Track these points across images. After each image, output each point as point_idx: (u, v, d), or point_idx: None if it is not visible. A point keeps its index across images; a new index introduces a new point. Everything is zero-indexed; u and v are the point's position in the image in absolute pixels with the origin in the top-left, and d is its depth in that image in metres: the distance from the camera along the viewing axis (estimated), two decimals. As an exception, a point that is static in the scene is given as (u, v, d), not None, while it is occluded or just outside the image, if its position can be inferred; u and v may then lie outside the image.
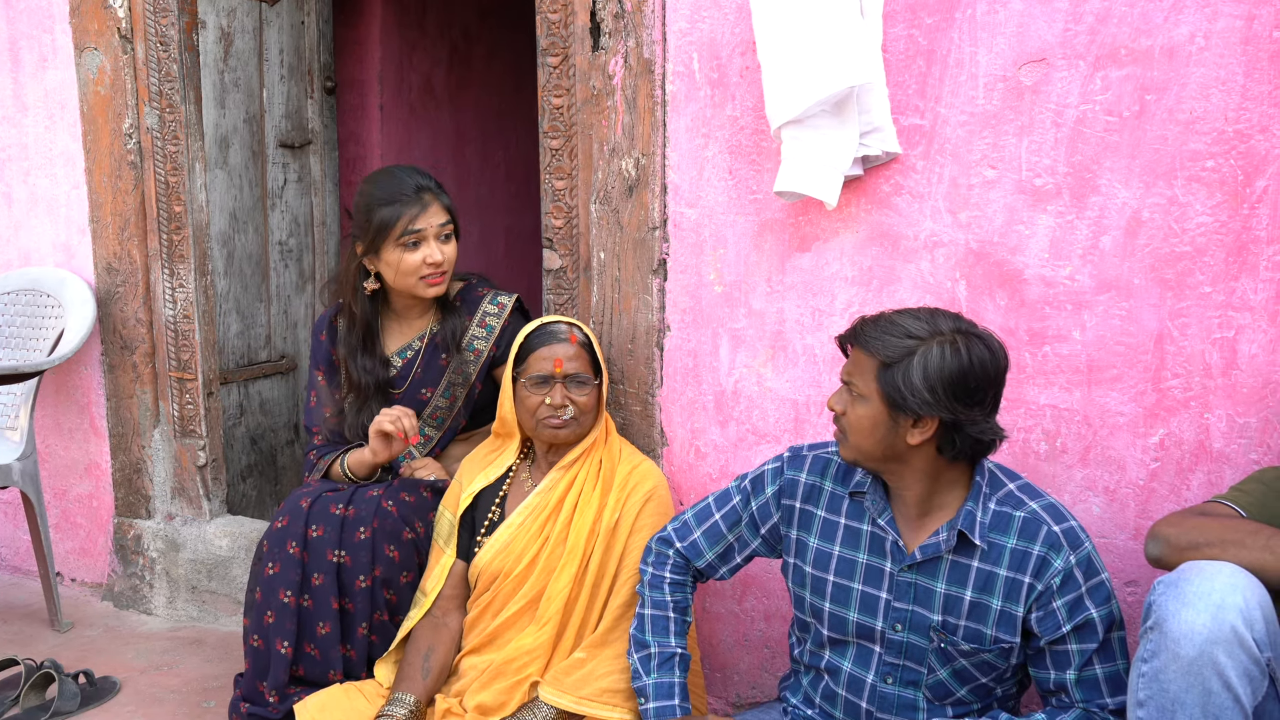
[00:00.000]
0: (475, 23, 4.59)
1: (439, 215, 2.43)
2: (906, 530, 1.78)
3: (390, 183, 2.45)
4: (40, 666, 2.56)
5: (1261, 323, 1.88)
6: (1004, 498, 1.73)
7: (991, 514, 1.72)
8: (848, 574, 1.82)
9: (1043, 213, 2.01)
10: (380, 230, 2.40)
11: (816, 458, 1.91)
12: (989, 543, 1.71)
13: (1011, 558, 1.70)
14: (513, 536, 2.22)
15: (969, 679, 1.75)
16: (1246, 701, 1.44)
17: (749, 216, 2.28)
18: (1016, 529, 1.70)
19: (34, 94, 3.12)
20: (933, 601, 1.74)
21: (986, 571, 1.71)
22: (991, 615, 1.71)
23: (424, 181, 2.45)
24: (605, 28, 2.34)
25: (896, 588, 1.77)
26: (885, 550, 1.78)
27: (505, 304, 2.56)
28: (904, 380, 1.63)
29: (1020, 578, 1.69)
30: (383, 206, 2.41)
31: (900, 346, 1.65)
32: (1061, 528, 1.69)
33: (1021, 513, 1.71)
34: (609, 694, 2.06)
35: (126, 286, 3.05)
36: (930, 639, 1.74)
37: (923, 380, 1.62)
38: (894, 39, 2.09)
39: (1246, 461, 1.92)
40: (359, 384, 2.50)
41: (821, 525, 1.86)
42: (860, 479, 1.83)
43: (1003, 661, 1.73)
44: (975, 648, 1.72)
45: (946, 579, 1.73)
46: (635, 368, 2.45)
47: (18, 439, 2.96)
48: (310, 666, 2.31)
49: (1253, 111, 1.84)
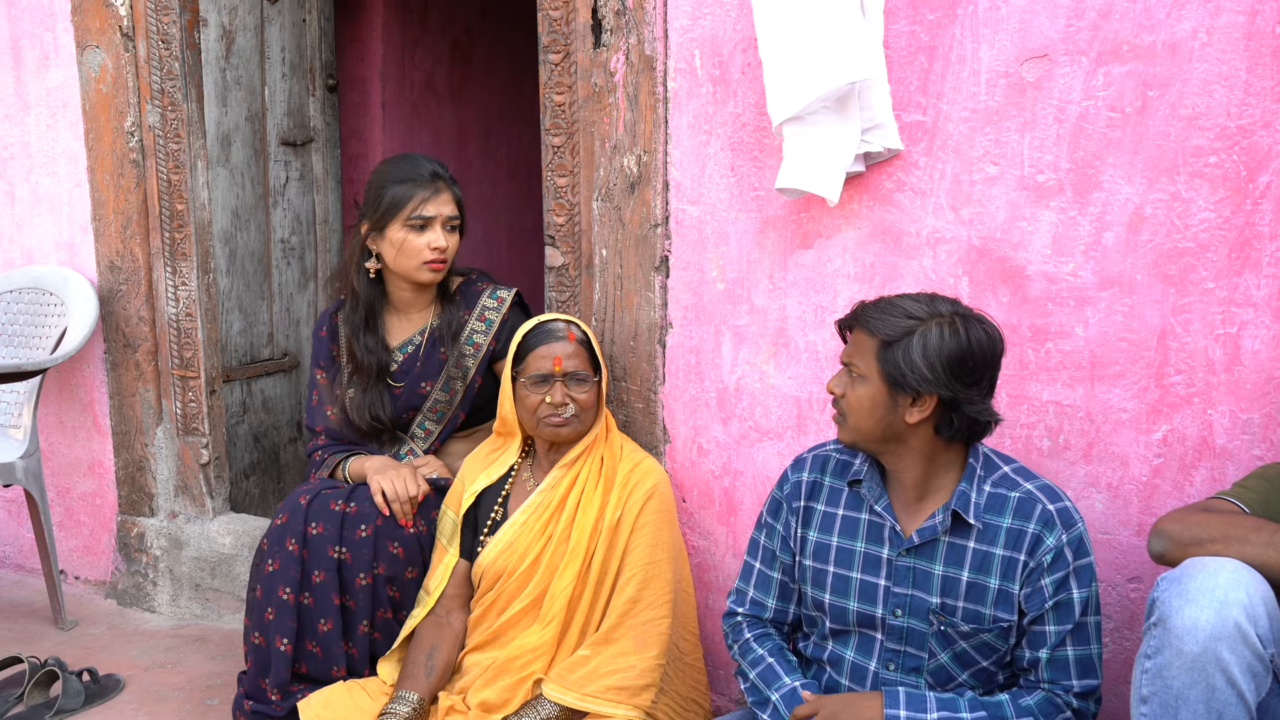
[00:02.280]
0: (477, 20, 4.59)
1: (449, 205, 2.46)
2: (904, 515, 1.79)
3: (407, 165, 2.48)
4: (44, 664, 2.56)
5: (1265, 318, 1.88)
6: (999, 480, 1.76)
7: (987, 495, 1.74)
8: (846, 563, 1.83)
9: (1045, 209, 2.01)
10: (390, 208, 2.42)
11: (815, 456, 1.93)
12: (984, 523, 1.73)
13: (1007, 537, 1.72)
14: (516, 535, 2.22)
15: (970, 662, 1.76)
16: (1250, 698, 1.44)
17: (751, 213, 2.28)
18: (1012, 509, 1.73)
19: (36, 92, 3.13)
20: (931, 584, 1.75)
21: (983, 552, 1.73)
22: (990, 595, 1.72)
23: (439, 170, 2.48)
24: (607, 25, 2.34)
25: (895, 573, 1.78)
26: (883, 536, 1.80)
27: (504, 298, 2.56)
28: (904, 358, 1.67)
29: (1016, 555, 1.71)
30: (396, 185, 2.43)
31: (900, 326, 1.68)
32: (1056, 507, 1.72)
33: (1017, 493, 1.74)
34: (613, 691, 2.06)
35: (129, 285, 3.06)
36: (930, 622, 1.76)
37: (922, 358, 1.66)
38: (895, 35, 2.09)
39: (1249, 457, 1.91)
40: (363, 365, 2.50)
41: (821, 518, 1.87)
42: (858, 467, 1.85)
43: (1003, 642, 1.74)
44: (975, 628, 1.73)
45: (944, 561, 1.75)
46: (637, 365, 2.45)
47: (21, 437, 2.96)
48: (313, 664, 2.32)
49: (1255, 107, 1.84)
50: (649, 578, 2.15)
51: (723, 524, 2.42)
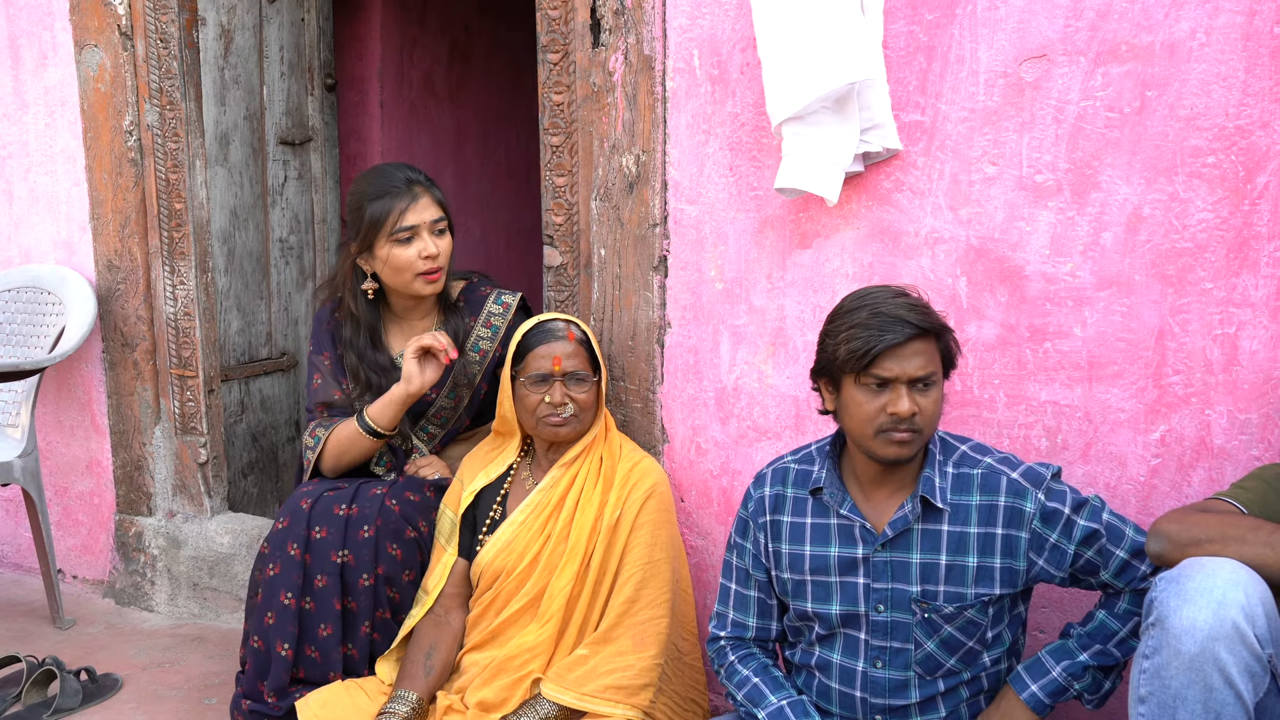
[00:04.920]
0: (476, 19, 4.58)
1: (431, 209, 2.42)
2: (871, 513, 1.81)
3: (379, 179, 2.44)
4: (42, 663, 2.56)
5: (1262, 319, 1.88)
6: (959, 459, 1.79)
7: (951, 477, 1.77)
8: (822, 569, 1.83)
9: (1044, 209, 2.01)
10: (372, 226, 2.39)
11: (775, 470, 1.93)
12: (954, 505, 1.76)
13: (979, 514, 1.75)
14: (514, 534, 2.22)
15: (956, 647, 1.77)
16: (1248, 698, 1.44)
17: (750, 213, 2.28)
18: (977, 486, 1.76)
19: (34, 91, 3.12)
20: (910, 574, 1.77)
21: (958, 533, 1.75)
22: (969, 573, 1.75)
23: (413, 175, 2.44)
24: (605, 24, 2.34)
25: (874, 569, 1.79)
26: (855, 537, 1.81)
27: (510, 303, 2.55)
28: (951, 339, 1.75)
29: (993, 530, 1.74)
30: (373, 202, 2.39)
31: (934, 318, 1.73)
32: (1019, 472, 1.75)
33: (979, 470, 1.77)
34: (611, 690, 2.06)
35: (127, 284, 3.05)
36: (913, 612, 1.77)
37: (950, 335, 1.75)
38: (894, 35, 2.09)
39: (1247, 458, 1.92)
40: (375, 385, 2.47)
41: (790, 530, 1.88)
42: (816, 475, 1.85)
43: (983, 616, 1.76)
44: (958, 608, 1.75)
45: (920, 549, 1.77)
46: (636, 364, 2.45)
47: (19, 436, 2.96)
48: (310, 668, 2.31)
49: (1254, 107, 1.84)
50: (647, 577, 2.16)
51: (721, 524, 2.42)
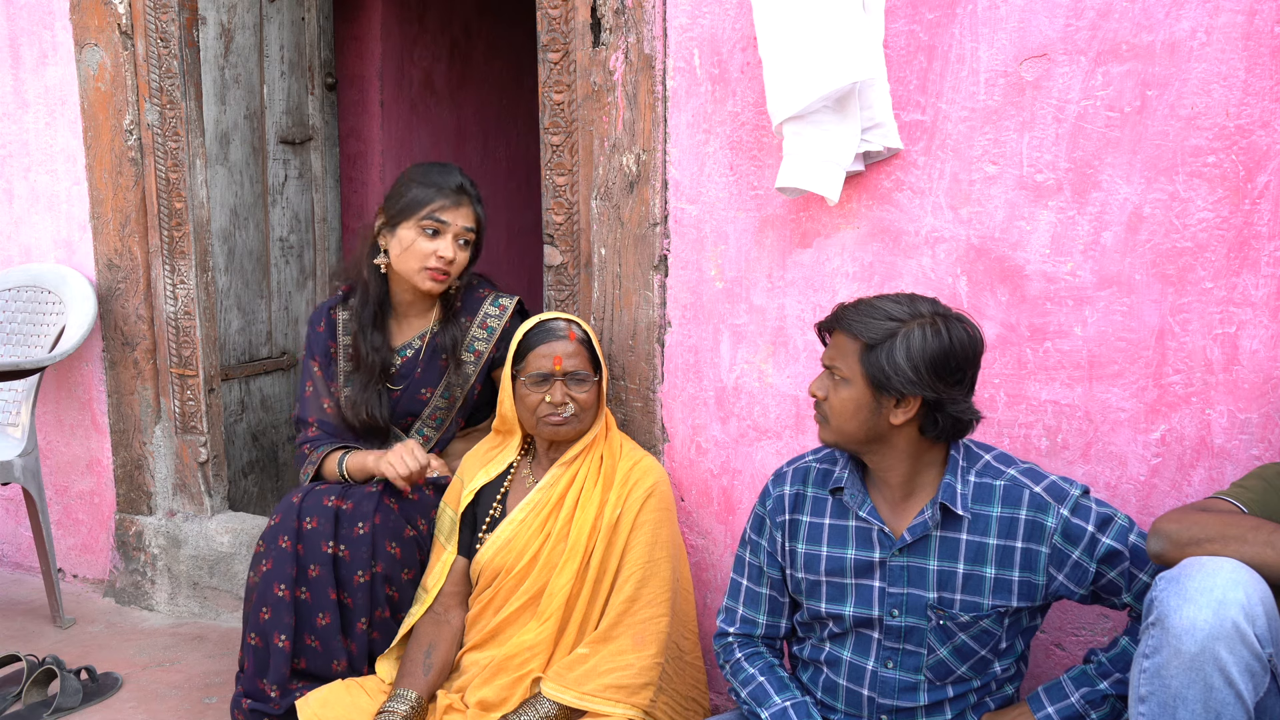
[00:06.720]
0: (475, 19, 4.58)
1: (467, 219, 2.45)
2: (890, 517, 1.80)
3: (439, 172, 2.48)
4: (42, 662, 2.56)
5: (1263, 318, 1.88)
6: (982, 469, 1.77)
7: (972, 486, 1.75)
8: (838, 571, 1.83)
9: (1044, 208, 2.01)
10: (409, 205, 2.43)
11: (795, 469, 1.93)
12: (974, 514, 1.74)
13: (1000, 526, 1.73)
14: (514, 533, 2.22)
15: (969, 654, 1.77)
16: (1248, 697, 1.44)
17: (750, 212, 2.28)
18: (999, 497, 1.74)
19: (34, 90, 3.12)
20: (926, 580, 1.76)
21: (976, 543, 1.74)
22: (987, 584, 1.74)
23: (468, 185, 2.48)
24: (606, 23, 2.34)
25: (890, 574, 1.78)
26: (872, 540, 1.80)
27: (506, 306, 2.56)
28: (888, 360, 1.67)
29: (1013, 544, 1.72)
30: (422, 187, 2.44)
31: (882, 328, 1.69)
32: (1042, 486, 1.73)
33: (1002, 481, 1.75)
34: (611, 690, 2.06)
35: (127, 283, 3.05)
36: (928, 618, 1.76)
37: (906, 360, 1.66)
38: (895, 34, 2.09)
39: (1248, 457, 1.92)
40: (366, 362, 2.49)
41: (808, 530, 1.87)
42: (838, 475, 1.85)
43: (998, 627, 1.75)
44: (974, 617, 1.74)
45: (938, 556, 1.76)
46: (636, 364, 2.45)
47: (19, 435, 2.96)
48: (312, 659, 2.31)
49: (1254, 107, 1.84)
50: (648, 576, 2.15)
51: (721, 523, 2.42)
